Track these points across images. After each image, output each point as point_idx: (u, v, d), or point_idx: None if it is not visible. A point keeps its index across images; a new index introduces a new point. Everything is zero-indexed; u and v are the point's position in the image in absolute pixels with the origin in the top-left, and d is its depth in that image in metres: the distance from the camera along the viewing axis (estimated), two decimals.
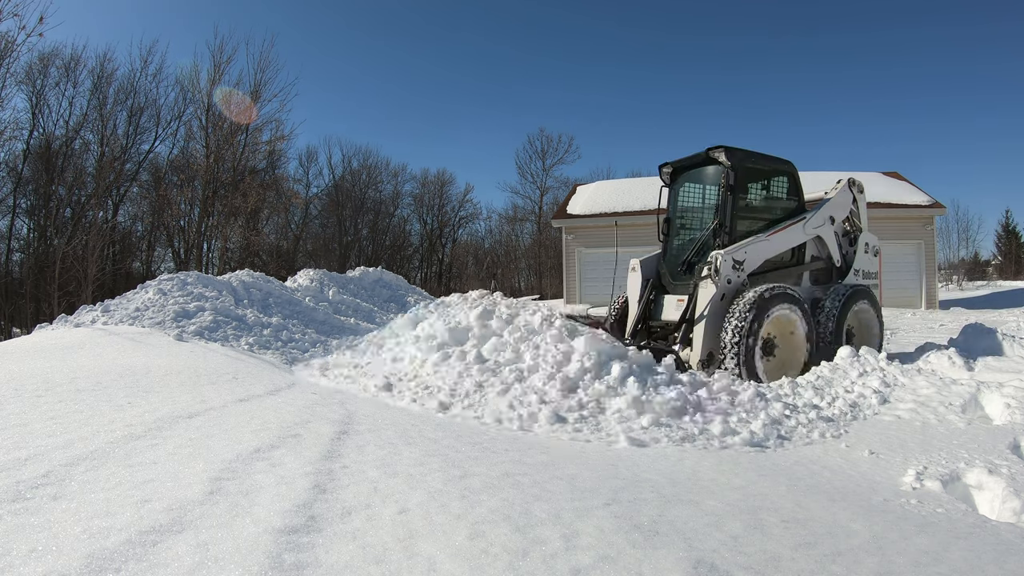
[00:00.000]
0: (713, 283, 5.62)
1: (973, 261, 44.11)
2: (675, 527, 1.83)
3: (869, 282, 7.06)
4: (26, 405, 2.82)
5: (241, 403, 3.13)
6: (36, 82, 21.51)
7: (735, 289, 5.70)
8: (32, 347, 5.04)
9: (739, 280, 5.74)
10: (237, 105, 22.07)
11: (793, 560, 1.69)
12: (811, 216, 6.57)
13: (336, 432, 2.57)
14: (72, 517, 1.60)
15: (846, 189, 7.11)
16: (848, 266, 6.99)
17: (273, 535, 1.55)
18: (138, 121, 23.64)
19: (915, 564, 1.76)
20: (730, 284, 5.67)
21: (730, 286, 5.67)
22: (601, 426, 3.36)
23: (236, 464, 2.08)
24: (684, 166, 6.75)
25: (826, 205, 6.82)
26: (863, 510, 2.25)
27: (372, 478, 2.04)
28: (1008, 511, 2.47)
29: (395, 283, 12.23)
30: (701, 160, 6.42)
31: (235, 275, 8.59)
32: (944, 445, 3.21)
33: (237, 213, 21.95)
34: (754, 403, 3.95)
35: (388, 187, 38.68)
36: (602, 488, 2.18)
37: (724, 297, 5.63)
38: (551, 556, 1.56)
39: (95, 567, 1.35)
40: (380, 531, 1.64)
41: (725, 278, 5.64)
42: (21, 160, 21.16)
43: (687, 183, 6.75)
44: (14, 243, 21.37)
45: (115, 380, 3.57)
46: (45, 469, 1.94)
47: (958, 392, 4.10)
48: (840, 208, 7.00)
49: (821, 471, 2.83)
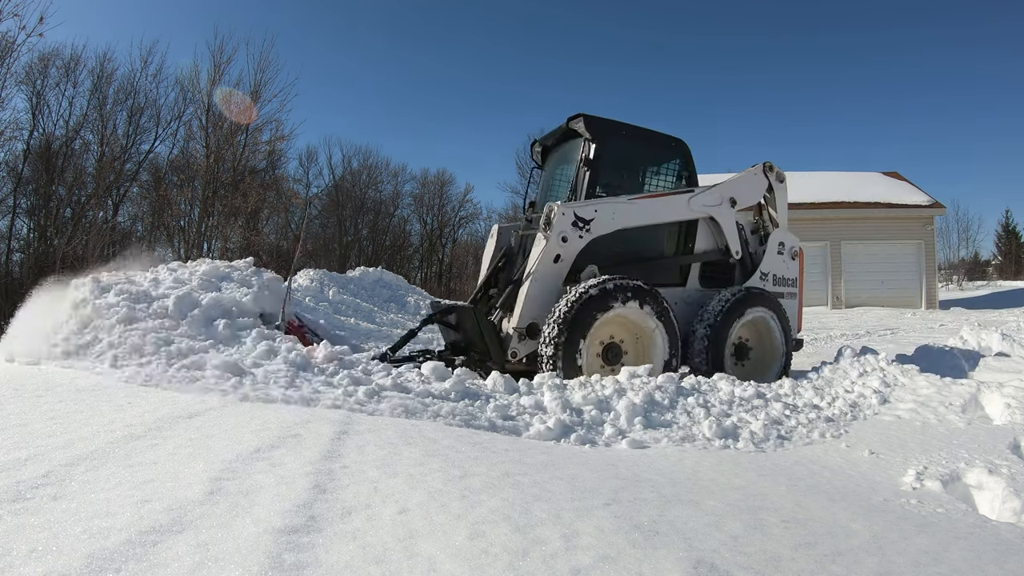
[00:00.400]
0: (544, 237, 4.66)
1: (973, 261, 44.16)
2: (675, 527, 1.83)
3: (783, 290, 5.91)
4: (26, 405, 2.82)
5: (241, 403, 3.13)
6: (36, 82, 21.49)
7: (574, 252, 4.72)
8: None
9: (581, 242, 4.74)
10: (237, 105, 22.06)
11: (793, 560, 1.69)
12: (702, 191, 5.42)
13: (336, 432, 2.57)
14: (72, 517, 1.60)
15: (759, 172, 5.96)
16: (755, 267, 5.84)
17: (273, 535, 1.55)
18: (138, 121, 23.63)
19: (915, 564, 1.76)
20: (566, 243, 4.66)
21: (566, 246, 4.67)
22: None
23: (236, 464, 2.08)
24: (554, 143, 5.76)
25: (726, 183, 5.66)
26: (863, 510, 2.25)
27: (372, 478, 2.04)
28: (1008, 511, 2.47)
29: (395, 283, 12.24)
30: (565, 133, 5.43)
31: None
32: (944, 445, 3.21)
33: (237, 213, 21.95)
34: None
35: (388, 187, 38.68)
36: (602, 488, 2.18)
37: (560, 260, 4.68)
38: (551, 556, 1.56)
39: (95, 567, 1.35)
40: (380, 531, 1.64)
41: (559, 235, 4.62)
42: (21, 160, 21.15)
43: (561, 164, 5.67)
44: (14, 243, 21.37)
45: (115, 380, 3.57)
46: (45, 469, 1.94)
47: (958, 392, 4.11)
48: (746, 192, 5.85)
49: (821, 471, 2.83)
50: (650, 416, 3.57)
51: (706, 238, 5.58)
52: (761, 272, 5.81)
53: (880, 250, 19.27)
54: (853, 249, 19.37)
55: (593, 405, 3.61)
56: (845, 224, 19.31)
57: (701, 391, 4.09)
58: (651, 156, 5.63)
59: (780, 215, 6.16)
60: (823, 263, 19.44)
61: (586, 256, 4.90)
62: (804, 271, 6.27)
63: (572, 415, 3.46)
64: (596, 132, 5.09)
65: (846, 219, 19.28)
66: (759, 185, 6.00)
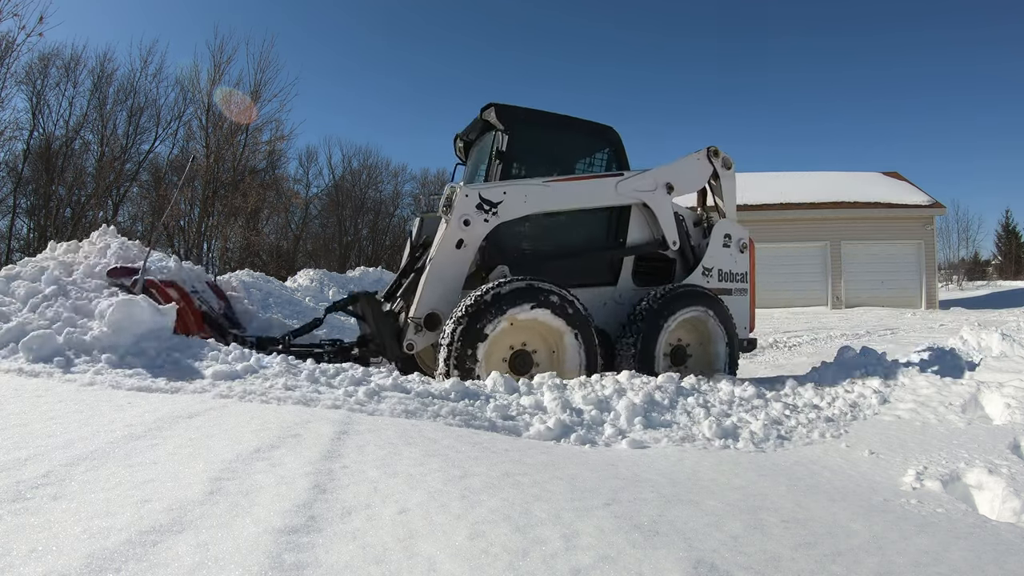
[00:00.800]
0: (445, 220, 4.31)
1: (973, 261, 44.19)
2: (675, 527, 1.83)
3: (731, 286, 5.41)
4: (26, 405, 2.82)
5: (241, 402, 3.13)
6: (36, 82, 21.52)
7: (478, 238, 4.37)
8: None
9: (487, 227, 4.36)
10: (237, 105, 22.07)
11: (793, 560, 1.69)
12: (634, 175, 4.93)
13: (336, 432, 2.57)
14: (72, 517, 1.60)
15: (703, 158, 5.40)
16: (697, 261, 5.33)
17: (273, 535, 1.55)
18: (138, 121, 23.64)
19: (915, 564, 1.76)
20: (469, 227, 4.29)
21: (469, 230, 4.30)
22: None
23: (236, 464, 2.08)
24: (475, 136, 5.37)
25: (662, 168, 5.14)
26: (863, 510, 2.25)
27: (372, 478, 2.04)
28: (1008, 511, 2.47)
29: None
30: (482, 126, 5.06)
31: (235, 275, 8.59)
32: (944, 445, 3.21)
33: (237, 213, 21.96)
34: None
35: (388, 187, 38.71)
36: (602, 488, 2.18)
37: (463, 245, 4.32)
38: (551, 556, 1.56)
39: (95, 567, 1.35)
40: (380, 531, 1.64)
41: (461, 217, 4.26)
42: (21, 160, 21.17)
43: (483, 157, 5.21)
44: (14, 243, 21.38)
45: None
46: (45, 469, 1.94)
47: (958, 392, 4.10)
48: (685, 178, 5.30)
49: (821, 471, 2.83)
50: (650, 416, 3.57)
51: (640, 229, 5.07)
52: (704, 267, 5.28)
53: (880, 250, 19.28)
54: (853, 249, 19.38)
55: (593, 405, 3.61)
56: (845, 224, 19.32)
57: (701, 391, 4.10)
58: (576, 146, 5.20)
59: (728, 205, 5.60)
60: (823, 263, 19.46)
61: (497, 250, 4.56)
62: (755, 265, 5.75)
63: (572, 415, 3.46)
64: (509, 122, 4.71)
65: (846, 219, 19.29)
66: (702, 171, 5.45)
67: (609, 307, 5.00)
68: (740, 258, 5.53)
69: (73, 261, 5.11)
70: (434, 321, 4.33)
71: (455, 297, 4.33)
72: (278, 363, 3.86)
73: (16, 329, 3.86)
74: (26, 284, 4.52)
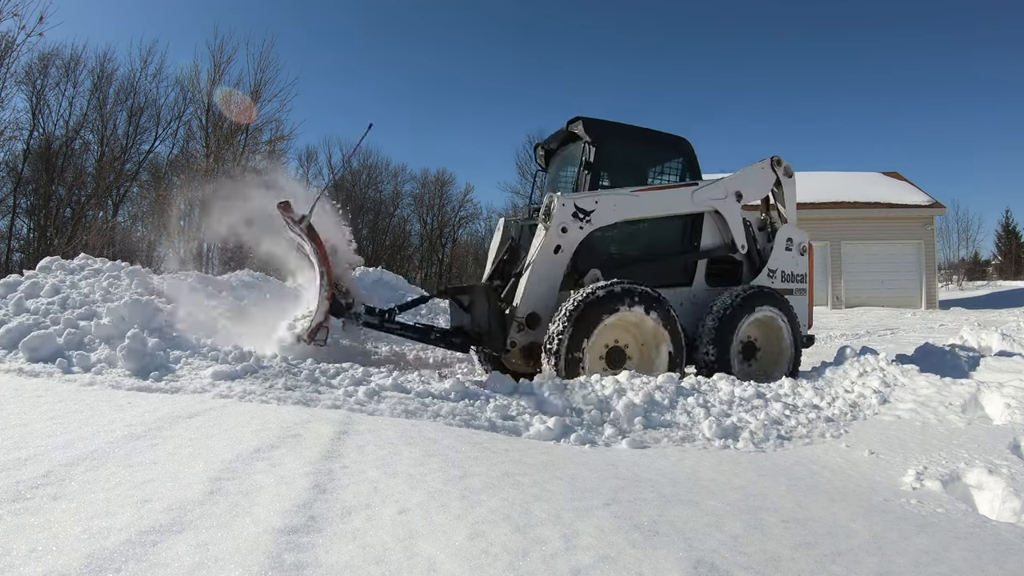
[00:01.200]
0: (544, 228, 4.68)
1: (973, 261, 44.16)
2: (675, 527, 1.83)
3: (792, 286, 5.82)
4: (26, 405, 2.82)
5: (241, 402, 3.13)
6: (36, 82, 21.51)
7: (574, 243, 4.75)
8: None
9: (581, 233, 4.76)
10: (237, 105, 22.06)
11: (793, 560, 1.69)
12: (707, 184, 5.34)
13: (336, 432, 2.57)
14: (72, 517, 1.60)
15: (767, 167, 5.86)
16: (763, 263, 5.73)
17: (273, 535, 1.55)
18: (138, 121, 23.64)
19: (915, 564, 1.76)
20: (566, 234, 4.69)
21: (566, 237, 4.69)
22: None
23: (236, 464, 2.08)
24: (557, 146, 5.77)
25: (731, 177, 5.58)
26: (863, 510, 2.25)
27: (372, 478, 2.04)
28: (1008, 511, 2.47)
29: (395, 283, 12.22)
30: (567, 136, 5.45)
31: (235, 275, 8.59)
32: (944, 445, 3.20)
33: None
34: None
35: (388, 187, 38.71)
36: (602, 488, 2.18)
37: (560, 250, 4.71)
38: (551, 556, 1.56)
39: (95, 567, 1.35)
40: (380, 531, 1.64)
41: (559, 225, 4.66)
42: (21, 160, 21.16)
43: (565, 166, 5.69)
44: (14, 243, 21.39)
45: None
46: (45, 469, 1.94)
47: (958, 392, 4.10)
48: (753, 186, 5.74)
49: (821, 471, 2.83)
50: (650, 416, 3.57)
51: (711, 234, 5.49)
52: (769, 269, 5.70)
53: (880, 250, 19.28)
54: (853, 249, 19.37)
55: (593, 405, 3.61)
56: (845, 224, 19.31)
57: (701, 391, 4.09)
58: (653, 156, 5.61)
59: (789, 211, 6.05)
60: (823, 263, 19.43)
61: (588, 254, 4.90)
62: (814, 267, 6.22)
63: (572, 415, 3.46)
64: (595, 134, 5.11)
65: (846, 219, 19.28)
66: (766, 179, 5.90)
67: (685, 307, 5.34)
68: (800, 260, 5.95)
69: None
70: (534, 320, 4.68)
71: (553, 298, 4.69)
72: (278, 363, 3.86)
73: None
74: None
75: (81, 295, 4.95)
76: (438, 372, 5.64)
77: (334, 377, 3.70)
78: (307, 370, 3.78)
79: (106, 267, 5.76)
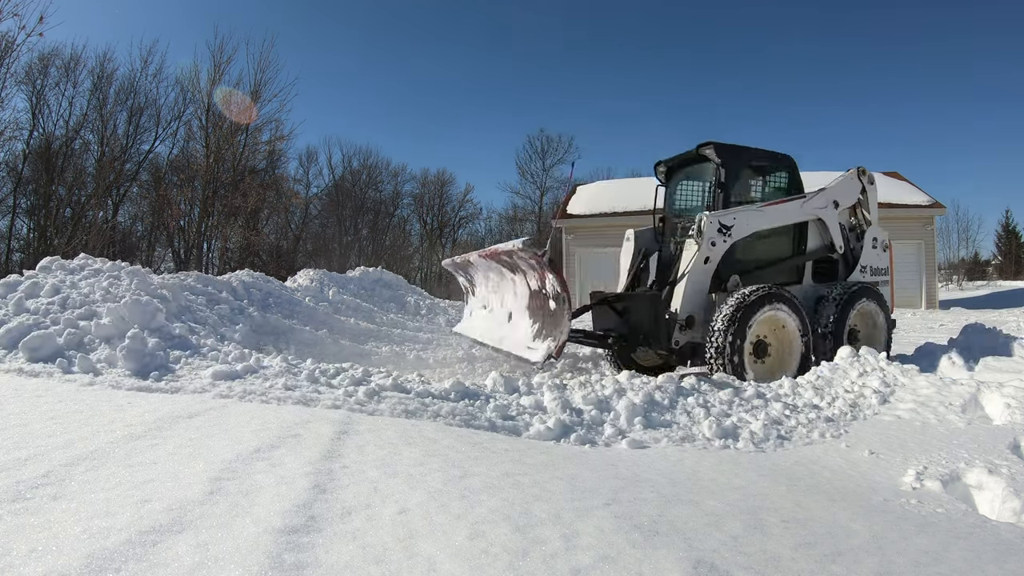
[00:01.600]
0: (696, 243, 5.51)
1: (973, 261, 44.14)
2: (675, 527, 1.83)
3: (878, 279, 6.77)
4: (26, 405, 2.82)
5: (241, 402, 3.13)
6: (36, 82, 21.54)
7: (719, 254, 5.58)
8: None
9: (725, 246, 5.59)
10: (237, 105, 22.08)
11: (793, 560, 1.69)
12: (812, 196, 6.30)
13: (336, 432, 2.57)
14: (72, 517, 1.60)
15: (853, 177, 6.84)
16: (855, 261, 6.70)
17: (273, 535, 1.55)
18: (138, 121, 23.66)
19: (915, 564, 1.76)
20: (714, 247, 5.55)
21: (714, 250, 5.55)
22: None
23: (236, 464, 2.08)
24: (678, 164, 6.71)
25: (829, 188, 6.55)
26: (863, 510, 2.25)
27: (372, 478, 2.04)
28: (1008, 511, 2.47)
29: (395, 283, 12.22)
30: (693, 157, 6.36)
31: (235, 275, 8.58)
32: (944, 445, 3.20)
33: (237, 213, 21.97)
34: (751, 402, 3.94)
35: (388, 187, 38.76)
36: (602, 488, 2.18)
37: (708, 261, 5.54)
38: (551, 556, 1.56)
39: (95, 567, 1.35)
40: (380, 531, 1.64)
41: (709, 240, 5.51)
42: (21, 160, 21.18)
43: (684, 181, 6.70)
44: (14, 243, 21.40)
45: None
46: (45, 469, 1.94)
47: (958, 392, 4.10)
48: (845, 195, 6.70)
49: (821, 471, 2.83)
50: (650, 416, 3.57)
51: (815, 238, 6.41)
52: (861, 265, 6.65)
53: None
54: None
55: (593, 405, 3.61)
56: None
57: (701, 391, 4.09)
58: (766, 171, 6.55)
59: (872, 213, 6.98)
60: None
61: (729, 262, 5.69)
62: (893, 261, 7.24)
63: (572, 415, 3.46)
64: (725, 157, 5.93)
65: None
66: (855, 188, 6.83)
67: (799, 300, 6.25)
68: (883, 256, 6.94)
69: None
70: (692, 322, 5.46)
71: (704, 302, 5.54)
72: (278, 363, 3.86)
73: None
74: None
75: (81, 295, 4.95)
76: (438, 372, 5.67)
77: (334, 377, 3.70)
78: (307, 370, 3.78)
79: (106, 267, 5.77)
